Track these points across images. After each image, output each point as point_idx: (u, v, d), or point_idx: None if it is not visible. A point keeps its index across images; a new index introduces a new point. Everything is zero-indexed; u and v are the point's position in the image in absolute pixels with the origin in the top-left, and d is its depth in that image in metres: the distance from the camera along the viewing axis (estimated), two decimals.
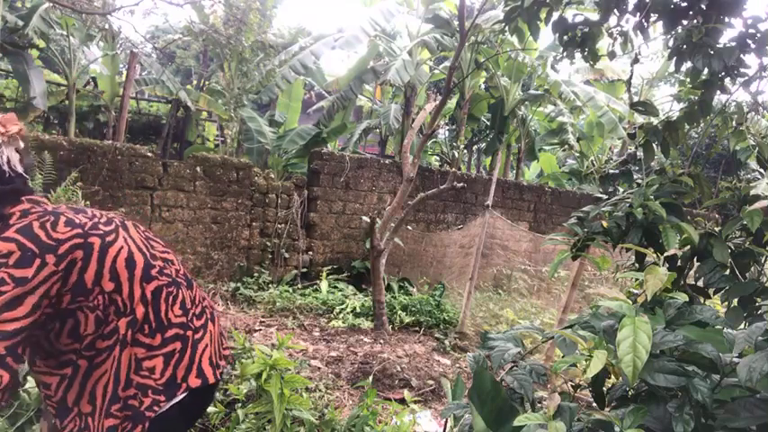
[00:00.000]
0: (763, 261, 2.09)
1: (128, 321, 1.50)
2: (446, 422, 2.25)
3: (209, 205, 7.08)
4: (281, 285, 7.38)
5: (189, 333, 1.61)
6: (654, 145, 2.65)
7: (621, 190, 2.89)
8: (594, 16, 2.85)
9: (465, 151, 15.47)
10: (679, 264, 2.22)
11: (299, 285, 7.61)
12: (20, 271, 1.30)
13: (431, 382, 4.44)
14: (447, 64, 11.81)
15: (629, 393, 1.60)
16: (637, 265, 2.32)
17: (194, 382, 1.57)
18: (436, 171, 9.80)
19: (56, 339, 1.47)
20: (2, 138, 1.53)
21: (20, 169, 1.51)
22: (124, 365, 1.51)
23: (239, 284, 6.99)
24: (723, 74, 2.36)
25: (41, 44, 10.45)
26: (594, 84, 13.31)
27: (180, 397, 1.55)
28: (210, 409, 2.93)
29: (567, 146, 13.46)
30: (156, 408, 1.53)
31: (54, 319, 1.42)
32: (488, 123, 13.75)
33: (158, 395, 1.53)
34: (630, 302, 1.49)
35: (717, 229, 2.15)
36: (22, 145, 1.56)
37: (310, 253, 8.13)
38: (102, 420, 1.48)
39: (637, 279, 2.05)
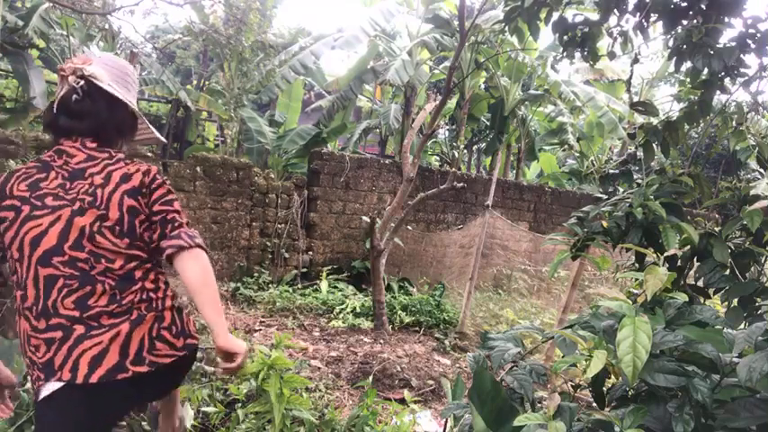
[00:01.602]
0: (763, 261, 2.09)
1: (20, 295, 1.60)
2: (446, 422, 2.25)
3: (209, 205, 7.08)
4: (281, 285, 7.38)
5: (76, 326, 1.57)
6: (654, 145, 2.65)
7: (621, 190, 2.89)
8: (594, 16, 2.85)
9: (465, 151, 15.47)
10: (679, 264, 2.22)
11: (299, 285, 7.61)
12: None
13: (431, 382, 4.44)
14: (447, 64, 11.81)
15: (629, 393, 1.60)
16: (637, 265, 2.32)
17: (66, 375, 1.54)
18: (436, 171, 9.80)
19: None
20: (59, 81, 1.71)
21: (56, 108, 1.69)
22: (22, 335, 1.61)
23: (239, 284, 6.99)
24: (723, 74, 2.36)
25: (41, 44, 10.45)
26: (594, 84, 13.31)
27: (57, 384, 1.55)
28: (210, 409, 2.93)
29: (566, 146, 13.46)
30: (39, 383, 1.57)
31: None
32: (488, 123, 13.75)
33: (41, 372, 1.57)
34: (630, 302, 1.49)
35: (717, 229, 2.15)
36: (76, 83, 1.69)
37: (310, 253, 8.14)
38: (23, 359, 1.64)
39: (637, 279, 2.05)
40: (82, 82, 1.68)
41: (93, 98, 1.70)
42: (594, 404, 1.66)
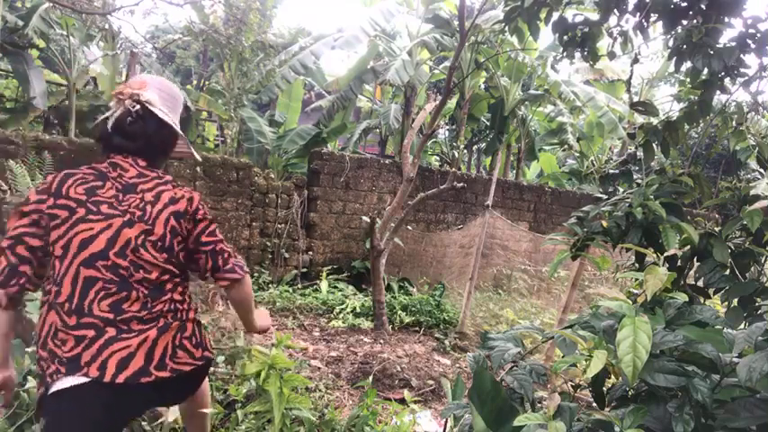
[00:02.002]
0: (763, 261, 2.09)
1: (54, 291, 1.69)
2: (446, 422, 2.25)
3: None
4: (281, 285, 7.37)
5: (108, 328, 1.66)
6: (654, 145, 2.65)
7: (621, 190, 2.89)
8: (594, 16, 2.85)
9: (465, 151, 15.46)
10: (679, 264, 2.22)
11: (299, 285, 7.61)
12: (32, 205, 1.74)
13: (431, 382, 4.44)
14: (447, 64, 11.82)
15: (629, 393, 1.60)
16: (637, 265, 2.32)
17: (93, 372, 1.62)
18: (436, 171, 9.80)
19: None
20: (115, 101, 1.85)
21: (110, 127, 1.83)
22: (47, 326, 1.69)
23: None
24: (723, 74, 2.36)
25: (41, 44, 10.45)
26: (594, 84, 13.32)
27: (80, 379, 1.62)
28: (210, 409, 2.92)
29: (566, 146, 13.46)
30: (56, 377, 1.63)
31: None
32: (488, 123, 13.75)
33: (62, 366, 1.64)
34: (630, 302, 1.49)
35: (717, 229, 2.15)
36: (132, 107, 1.83)
37: (310, 253, 8.13)
38: (38, 351, 1.73)
39: (637, 279, 2.05)
40: (138, 107, 1.83)
41: (146, 121, 1.85)
42: (594, 404, 1.66)
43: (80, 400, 1.63)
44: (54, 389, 1.62)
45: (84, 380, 1.62)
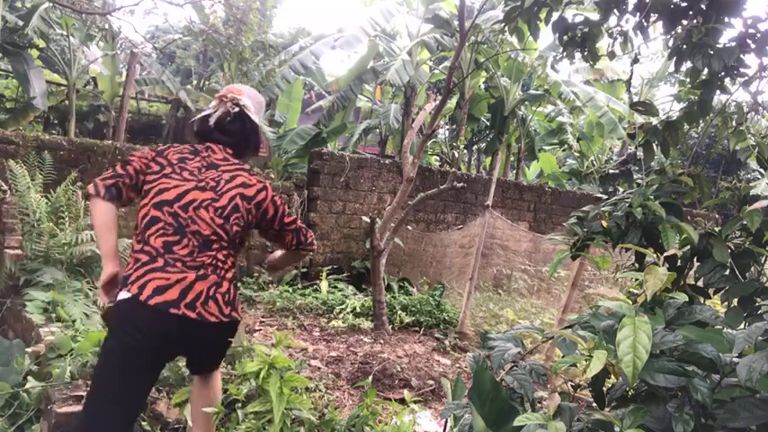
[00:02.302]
0: (763, 261, 2.09)
1: (135, 224, 2.13)
2: (446, 422, 2.25)
3: None
4: (281, 285, 7.37)
5: (158, 259, 2.01)
6: (654, 145, 2.65)
7: (621, 190, 2.89)
8: (594, 16, 2.85)
9: (465, 151, 15.46)
10: (679, 264, 2.22)
11: (299, 285, 7.60)
12: (145, 151, 2.25)
13: (431, 382, 4.44)
14: (447, 64, 11.82)
15: (629, 393, 1.60)
16: (637, 265, 2.32)
17: (133, 289, 1.96)
18: (436, 171, 9.80)
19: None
20: (217, 101, 2.30)
21: (212, 123, 2.27)
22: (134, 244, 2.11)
23: (239, 284, 6.99)
24: (723, 74, 2.36)
25: (41, 44, 10.45)
26: (594, 84, 13.32)
27: (126, 294, 1.97)
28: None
29: (566, 146, 13.46)
30: (120, 288, 2.02)
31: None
32: (488, 123, 13.75)
33: (124, 281, 2.02)
34: (630, 302, 1.49)
35: (717, 229, 2.15)
36: (232, 109, 2.27)
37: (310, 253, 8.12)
38: None
39: (637, 279, 2.05)
40: (237, 109, 2.27)
41: (242, 122, 2.29)
42: (594, 404, 1.66)
43: (123, 313, 1.99)
44: (117, 299, 2.01)
45: (128, 295, 1.96)
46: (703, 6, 2.40)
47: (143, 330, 1.95)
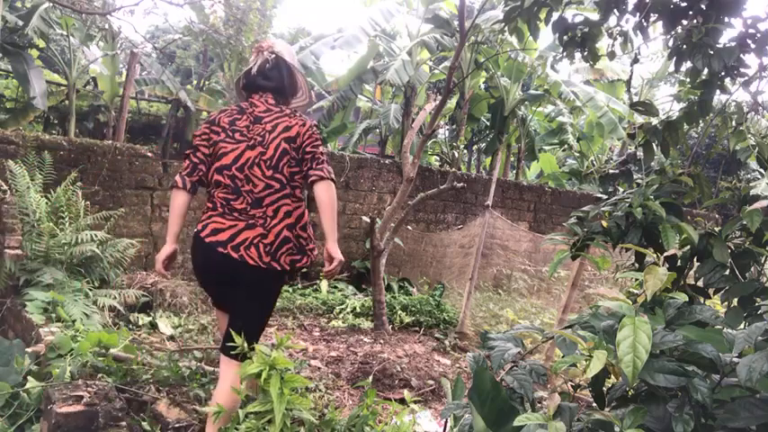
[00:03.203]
0: (763, 261, 2.09)
1: (209, 177, 2.60)
2: (446, 422, 2.25)
3: None
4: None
5: (219, 209, 2.53)
6: (654, 145, 2.65)
7: (621, 190, 2.89)
8: (594, 16, 2.85)
9: (465, 151, 15.46)
10: (679, 264, 2.22)
11: (299, 285, 7.60)
12: (203, 127, 2.64)
13: (431, 382, 4.44)
14: (447, 64, 11.81)
15: (629, 393, 1.60)
16: (637, 265, 2.32)
17: (199, 227, 2.55)
18: (436, 171, 9.80)
19: None
20: (255, 55, 2.67)
21: (255, 71, 2.65)
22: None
23: None
24: (723, 74, 2.36)
25: (41, 44, 10.45)
26: (594, 84, 13.31)
27: (196, 230, 2.55)
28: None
29: (566, 146, 13.46)
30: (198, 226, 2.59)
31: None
32: (488, 123, 13.75)
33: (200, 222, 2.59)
34: (630, 302, 1.49)
35: (717, 229, 2.15)
36: (269, 56, 2.66)
37: None
38: None
39: (637, 279, 2.05)
40: (273, 56, 2.65)
41: (279, 67, 2.67)
42: (594, 404, 1.66)
43: (194, 243, 2.58)
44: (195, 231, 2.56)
45: (196, 231, 2.54)
46: (703, 6, 2.40)
47: (201, 258, 2.56)
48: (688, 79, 2.52)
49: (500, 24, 3.33)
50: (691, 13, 2.45)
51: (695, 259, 2.19)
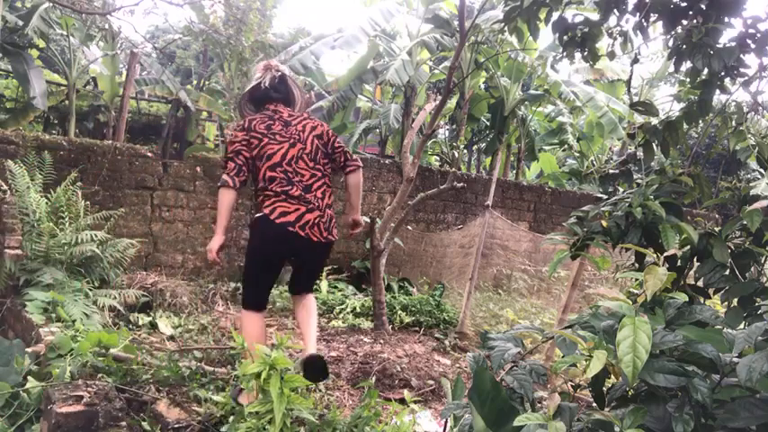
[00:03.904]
0: (763, 261, 2.09)
1: (261, 179, 3.03)
2: (446, 422, 2.25)
3: (210, 205, 7.08)
4: (281, 285, 7.37)
5: (281, 196, 2.97)
6: (654, 145, 2.65)
7: (621, 190, 2.89)
8: (594, 16, 2.85)
9: (465, 151, 15.47)
10: (679, 264, 2.22)
11: None
12: (240, 134, 3.06)
13: (431, 382, 4.44)
14: (447, 64, 11.81)
15: (629, 393, 1.60)
16: (637, 265, 2.32)
17: (266, 211, 2.97)
18: (436, 171, 9.79)
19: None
20: (261, 74, 3.19)
21: (267, 85, 3.18)
22: (262, 189, 3.03)
23: (239, 284, 6.99)
24: (723, 74, 2.36)
25: (41, 44, 10.45)
26: (594, 84, 13.31)
27: (261, 214, 2.99)
28: (213, 402, 2.94)
29: (566, 146, 13.45)
30: (260, 212, 3.03)
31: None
32: (488, 123, 13.75)
33: (259, 209, 3.05)
34: (630, 302, 1.49)
35: (717, 229, 2.15)
36: (276, 74, 3.21)
37: None
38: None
39: (637, 279, 2.05)
40: (280, 73, 3.22)
41: (285, 82, 3.24)
42: (594, 404, 1.66)
43: (261, 225, 3.00)
44: (258, 215, 3.01)
45: (263, 214, 2.97)
46: (703, 6, 2.40)
47: (272, 234, 2.98)
48: (688, 79, 2.52)
49: (500, 24, 3.33)
50: (691, 13, 2.45)
51: (695, 259, 2.19)
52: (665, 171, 2.42)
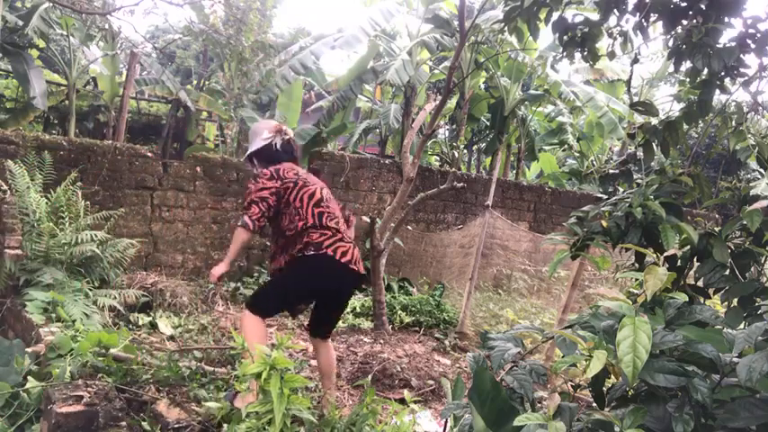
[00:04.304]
0: (763, 261, 2.09)
1: (302, 222, 3.16)
2: (446, 422, 2.25)
3: (210, 205, 7.08)
4: None
5: (338, 234, 3.18)
6: (654, 145, 2.65)
7: (621, 190, 2.89)
8: (594, 16, 2.85)
9: (465, 151, 15.46)
10: (679, 264, 2.22)
11: None
12: (270, 182, 3.18)
13: (431, 382, 4.44)
14: (447, 64, 11.81)
15: (629, 393, 1.60)
16: (637, 265, 2.32)
17: (329, 252, 3.11)
18: (436, 171, 9.79)
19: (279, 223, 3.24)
20: (272, 135, 3.42)
21: (279, 147, 3.42)
22: (302, 234, 3.15)
23: (239, 284, 6.98)
24: (723, 74, 2.36)
25: (41, 44, 10.45)
26: (594, 84, 13.31)
27: (312, 251, 3.11)
28: (212, 404, 2.93)
29: (566, 146, 13.45)
30: (312, 249, 3.13)
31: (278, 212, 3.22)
32: (488, 123, 13.74)
33: (316, 246, 3.12)
34: (630, 302, 1.49)
35: (717, 229, 2.15)
36: (285, 137, 3.46)
37: None
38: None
39: (637, 279, 2.05)
40: (287, 137, 3.47)
41: (292, 145, 3.50)
42: (594, 404, 1.66)
43: (317, 263, 3.12)
44: (310, 253, 3.10)
45: (321, 252, 3.10)
46: (703, 6, 2.40)
47: (332, 273, 3.16)
48: (688, 79, 2.52)
49: (500, 24, 3.33)
50: (691, 13, 2.45)
51: (695, 259, 2.19)
52: (665, 171, 2.42)
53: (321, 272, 3.15)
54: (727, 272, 2.05)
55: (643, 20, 2.56)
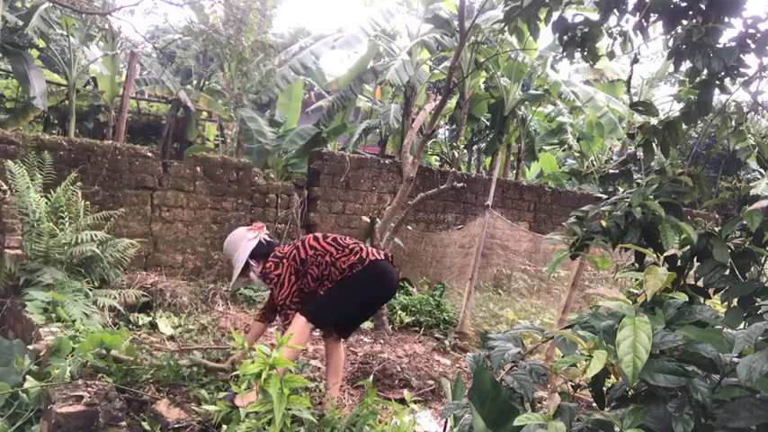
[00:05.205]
0: (763, 261, 2.09)
1: (318, 284, 3.32)
2: (446, 422, 2.25)
3: (209, 205, 7.08)
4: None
5: (357, 243, 3.40)
6: (654, 145, 2.65)
7: (621, 190, 2.89)
8: (594, 16, 2.85)
9: (465, 151, 15.46)
10: (679, 264, 2.22)
11: None
12: (280, 269, 3.30)
13: (431, 382, 4.44)
14: (447, 64, 11.81)
15: (629, 393, 1.60)
16: (637, 265, 2.32)
17: (369, 259, 3.28)
18: (436, 171, 9.79)
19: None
20: (257, 232, 3.51)
21: (266, 240, 3.50)
22: (332, 269, 3.32)
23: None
24: (723, 74, 2.36)
25: (41, 44, 10.45)
26: (594, 84, 13.31)
27: (368, 262, 3.27)
28: (211, 407, 2.93)
29: (566, 146, 13.45)
30: (356, 263, 3.30)
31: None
32: (488, 123, 13.74)
33: (361, 261, 3.30)
34: (630, 302, 1.49)
35: (717, 229, 2.15)
36: (265, 231, 3.56)
37: None
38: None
39: (637, 279, 2.05)
40: (266, 231, 3.56)
41: (271, 238, 3.57)
42: (594, 404, 1.66)
43: (376, 267, 3.28)
44: (358, 270, 3.24)
45: (369, 261, 3.26)
46: (703, 6, 2.40)
47: (387, 272, 3.34)
48: (688, 79, 2.52)
49: (500, 24, 3.33)
50: (691, 13, 2.45)
51: (695, 259, 2.19)
52: (665, 171, 2.42)
53: (383, 276, 3.32)
54: (727, 272, 2.05)
55: (643, 20, 2.56)
